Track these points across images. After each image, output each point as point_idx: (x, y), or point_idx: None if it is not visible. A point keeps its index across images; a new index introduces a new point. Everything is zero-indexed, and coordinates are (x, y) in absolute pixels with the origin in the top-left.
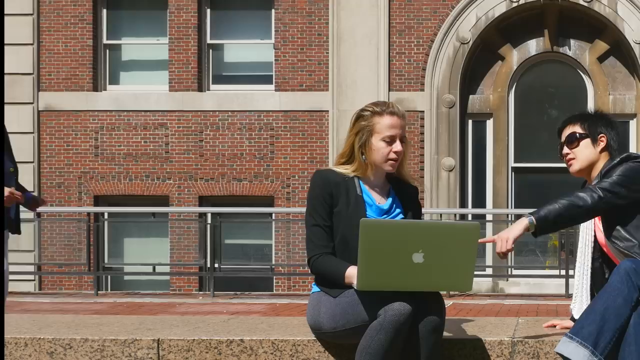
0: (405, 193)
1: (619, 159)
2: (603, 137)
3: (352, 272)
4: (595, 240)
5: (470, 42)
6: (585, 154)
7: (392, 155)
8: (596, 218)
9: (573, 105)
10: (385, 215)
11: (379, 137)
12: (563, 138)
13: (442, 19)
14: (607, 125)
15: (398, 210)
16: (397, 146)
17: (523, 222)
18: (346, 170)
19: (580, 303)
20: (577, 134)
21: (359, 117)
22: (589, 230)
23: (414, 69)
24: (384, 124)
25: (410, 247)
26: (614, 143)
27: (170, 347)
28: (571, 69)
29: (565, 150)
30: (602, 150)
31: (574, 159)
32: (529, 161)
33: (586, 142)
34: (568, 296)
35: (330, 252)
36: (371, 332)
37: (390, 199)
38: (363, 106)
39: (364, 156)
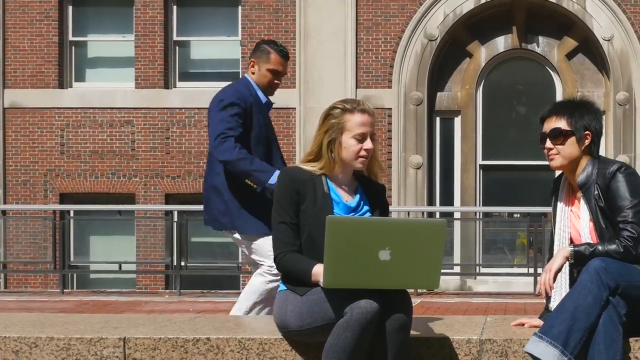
0: (372, 191)
1: (611, 169)
2: (588, 134)
3: (318, 270)
4: (570, 239)
5: (438, 39)
6: (569, 151)
7: (363, 153)
8: (572, 216)
9: (541, 102)
10: (352, 213)
11: (349, 134)
12: (546, 129)
13: (409, 16)
14: (592, 119)
15: (366, 208)
16: (368, 144)
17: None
18: (313, 167)
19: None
20: (563, 131)
21: (328, 114)
22: (564, 227)
23: (381, 66)
24: (355, 121)
25: (377, 245)
26: (597, 139)
27: (136, 346)
28: (539, 66)
29: (548, 144)
30: (585, 148)
31: (557, 154)
32: (497, 159)
33: (571, 140)
34: (536, 294)
35: (296, 250)
36: (338, 330)
37: (357, 197)
38: (332, 104)
39: (332, 154)
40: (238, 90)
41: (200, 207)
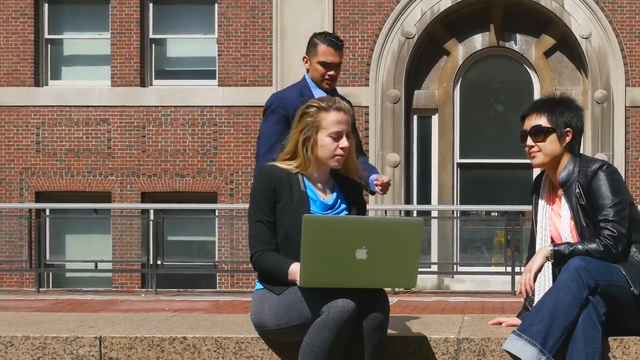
0: (349, 189)
1: (593, 168)
2: (569, 131)
3: (295, 269)
4: (550, 237)
5: (416, 37)
6: (550, 149)
7: (339, 151)
8: (553, 214)
9: (519, 100)
10: (329, 211)
11: (325, 133)
12: (527, 126)
13: (387, 14)
14: (573, 116)
15: (343, 206)
16: (344, 142)
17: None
18: (289, 166)
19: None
20: (544, 128)
21: (304, 113)
22: (546, 225)
23: (358, 63)
24: (331, 120)
25: (354, 244)
26: (578, 135)
27: (112, 345)
28: (517, 64)
29: (529, 142)
30: (567, 145)
31: (538, 152)
32: (475, 157)
33: (552, 137)
34: (514, 293)
35: (273, 248)
36: (315, 330)
37: (334, 195)
38: (308, 102)
39: (308, 152)
40: (284, 93)
41: (177, 206)
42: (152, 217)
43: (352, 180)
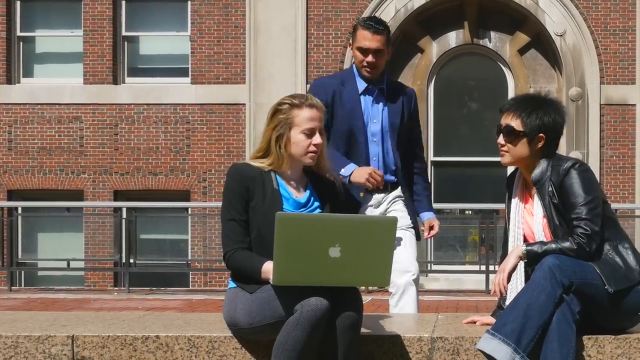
0: (322, 186)
1: (565, 166)
2: (542, 137)
3: (268, 267)
4: (524, 236)
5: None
6: (518, 152)
7: (312, 148)
8: (526, 212)
9: (493, 98)
10: (302, 209)
11: (298, 130)
12: (503, 123)
13: (360, 11)
14: (550, 122)
15: (316, 204)
16: (317, 139)
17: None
18: (262, 164)
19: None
20: (516, 131)
21: (276, 110)
22: (519, 224)
23: (332, 61)
24: (303, 116)
25: (327, 242)
26: (553, 141)
27: (84, 344)
28: (491, 62)
29: (501, 140)
30: (538, 149)
31: (507, 152)
32: (449, 155)
33: (523, 141)
34: (488, 292)
35: (246, 247)
36: (288, 328)
37: (307, 192)
38: (280, 99)
39: (281, 150)
40: (325, 79)
41: (150, 204)
42: (124, 216)
43: (325, 177)
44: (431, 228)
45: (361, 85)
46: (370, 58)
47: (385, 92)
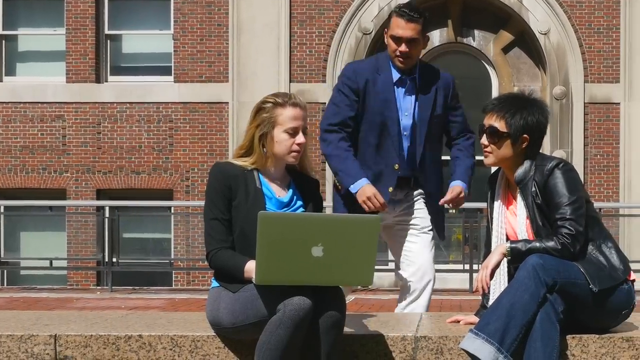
0: (306, 185)
1: (549, 166)
2: (526, 137)
3: (251, 267)
4: (506, 236)
5: (373, 33)
6: (502, 153)
7: (295, 147)
8: (509, 213)
9: (477, 96)
10: (285, 209)
11: (281, 128)
12: (486, 123)
13: (344, 9)
14: (534, 122)
15: (299, 203)
16: (300, 138)
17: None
18: (245, 162)
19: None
20: (499, 132)
21: (259, 109)
22: (502, 224)
23: (315, 59)
24: (287, 115)
25: (310, 241)
26: (537, 142)
27: (67, 343)
28: (475, 60)
29: (484, 140)
30: (522, 149)
31: (490, 153)
32: None
33: (507, 143)
34: (473, 292)
35: (229, 246)
36: (270, 327)
37: (290, 192)
38: (263, 98)
39: (264, 148)
40: (359, 64)
41: (133, 203)
42: (107, 215)
43: (308, 176)
44: (452, 197)
45: (395, 75)
46: (403, 47)
47: (417, 82)
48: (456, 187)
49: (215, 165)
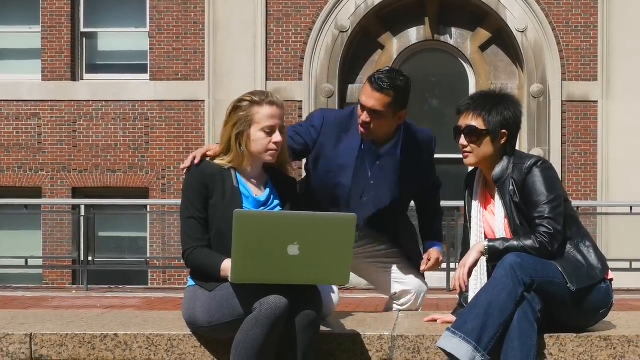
0: (283, 184)
1: (528, 164)
2: (505, 133)
3: (227, 265)
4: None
5: (350, 31)
6: (483, 152)
7: (272, 146)
8: (487, 212)
9: (454, 94)
10: (262, 207)
11: (258, 127)
12: (462, 124)
13: (320, 7)
14: (510, 116)
15: (276, 202)
16: (277, 137)
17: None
18: (222, 161)
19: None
20: (478, 130)
21: (236, 107)
22: (480, 222)
23: (292, 57)
24: (264, 114)
25: (286, 239)
26: (514, 136)
27: (43, 342)
28: (452, 58)
29: (463, 141)
30: (501, 145)
31: (470, 152)
32: None
33: (486, 140)
34: (451, 290)
35: (205, 245)
36: (247, 326)
37: (267, 190)
38: (240, 96)
39: (241, 147)
40: (331, 115)
41: (108, 201)
42: (83, 213)
43: (285, 175)
44: (432, 264)
45: (358, 141)
46: (364, 116)
47: (387, 159)
48: (433, 252)
49: (194, 165)
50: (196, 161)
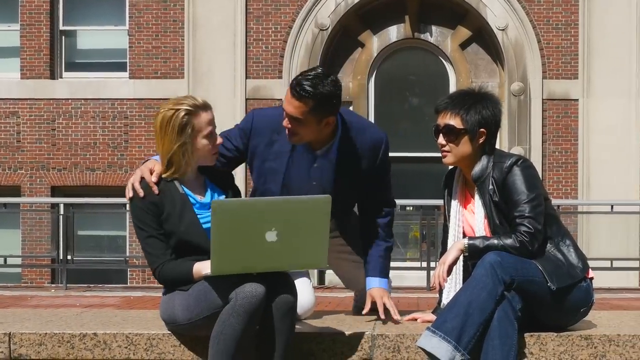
0: (219, 180)
1: (508, 163)
2: (483, 131)
3: (199, 267)
4: (463, 232)
5: (330, 29)
6: (461, 151)
7: (215, 149)
8: (466, 211)
9: (435, 93)
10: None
11: (201, 135)
12: (440, 123)
13: (300, 5)
14: (489, 115)
15: (222, 197)
16: (218, 138)
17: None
18: (163, 176)
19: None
20: (456, 129)
21: (172, 121)
22: (459, 222)
23: (271, 56)
24: (204, 121)
25: (263, 226)
26: (493, 135)
27: (22, 341)
28: (433, 56)
29: (441, 140)
30: (480, 144)
31: (449, 152)
32: (389, 150)
33: (465, 139)
34: (430, 288)
35: (171, 258)
36: (224, 317)
37: (208, 191)
38: (169, 108)
39: (187, 157)
40: (270, 111)
41: (88, 200)
42: (62, 212)
43: (219, 170)
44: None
45: (290, 144)
46: (285, 122)
47: (324, 161)
48: (375, 292)
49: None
50: (140, 194)
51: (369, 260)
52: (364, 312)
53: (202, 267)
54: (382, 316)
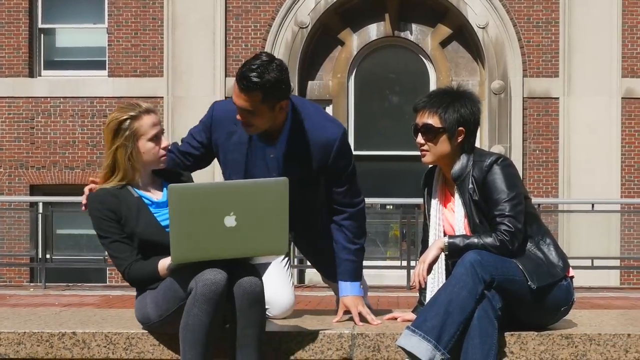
0: (172, 177)
1: (488, 162)
2: (462, 130)
3: (163, 263)
4: (443, 231)
5: (309, 27)
6: (440, 150)
7: (162, 152)
8: (446, 210)
9: (415, 91)
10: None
11: (145, 139)
12: (419, 122)
13: (280, 3)
14: (468, 114)
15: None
16: (165, 141)
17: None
18: (113, 182)
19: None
20: (434, 128)
21: (118, 128)
22: (439, 221)
23: (251, 54)
24: (146, 124)
25: (222, 210)
26: (472, 134)
27: (0, 340)
28: (413, 54)
29: (420, 139)
30: (458, 143)
31: (428, 151)
32: (369, 149)
33: (443, 138)
34: (410, 287)
35: (136, 259)
36: (188, 308)
37: (164, 191)
38: (114, 116)
39: (132, 163)
40: (229, 102)
41: (66, 199)
42: (40, 210)
43: (177, 172)
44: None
45: (246, 136)
46: (238, 115)
47: (281, 148)
48: (348, 301)
49: (90, 197)
50: (85, 198)
51: (338, 263)
52: (334, 321)
53: (166, 261)
54: (359, 325)
